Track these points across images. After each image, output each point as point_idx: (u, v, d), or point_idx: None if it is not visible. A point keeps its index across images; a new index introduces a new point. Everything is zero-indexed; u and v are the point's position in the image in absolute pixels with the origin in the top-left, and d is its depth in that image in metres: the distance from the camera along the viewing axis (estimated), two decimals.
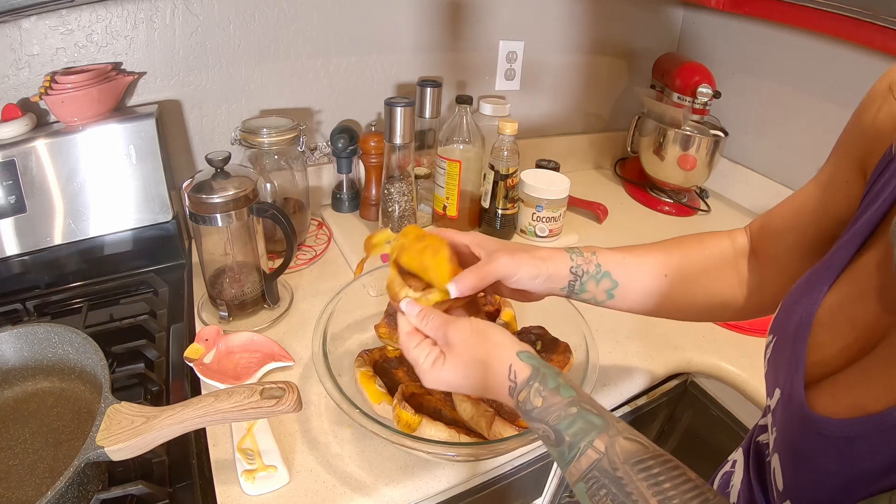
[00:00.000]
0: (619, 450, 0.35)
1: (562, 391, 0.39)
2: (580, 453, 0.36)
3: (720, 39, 1.25)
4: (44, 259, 0.77)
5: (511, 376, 0.41)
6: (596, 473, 0.35)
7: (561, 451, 0.38)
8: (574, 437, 0.37)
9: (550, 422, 0.38)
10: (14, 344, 0.59)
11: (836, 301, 0.35)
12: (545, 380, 0.40)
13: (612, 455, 0.35)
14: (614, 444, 0.36)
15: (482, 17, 1.08)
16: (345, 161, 0.99)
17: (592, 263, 0.51)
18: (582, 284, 0.51)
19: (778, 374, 0.37)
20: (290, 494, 0.53)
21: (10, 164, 0.70)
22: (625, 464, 0.34)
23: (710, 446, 0.83)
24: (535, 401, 0.40)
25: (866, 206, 0.37)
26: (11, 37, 0.73)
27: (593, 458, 0.36)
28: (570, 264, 0.51)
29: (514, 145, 0.94)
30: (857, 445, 0.28)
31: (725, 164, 1.25)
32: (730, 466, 0.49)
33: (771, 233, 0.50)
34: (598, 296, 0.52)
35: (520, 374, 0.41)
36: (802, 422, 0.32)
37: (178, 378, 0.66)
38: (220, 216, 0.68)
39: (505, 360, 0.42)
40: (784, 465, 0.34)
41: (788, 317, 0.38)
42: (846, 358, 0.33)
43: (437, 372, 0.45)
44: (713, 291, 0.52)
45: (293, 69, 0.95)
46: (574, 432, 0.37)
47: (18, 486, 0.50)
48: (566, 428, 0.38)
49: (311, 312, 0.78)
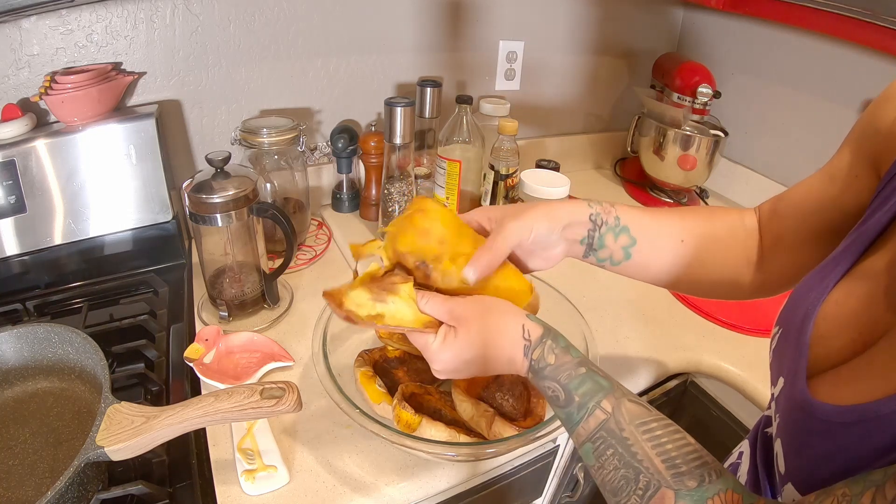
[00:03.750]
0: (625, 411, 0.36)
1: (572, 351, 0.41)
2: (588, 413, 0.37)
3: (720, 39, 1.25)
4: (44, 259, 0.77)
5: (525, 335, 0.42)
6: (603, 434, 0.36)
7: (569, 412, 0.39)
8: (583, 398, 0.38)
9: (562, 381, 0.39)
10: (14, 344, 0.59)
11: (842, 297, 0.36)
12: (556, 337, 0.41)
13: (618, 416, 0.36)
14: (620, 406, 0.37)
15: (482, 17, 1.08)
16: (345, 161, 0.99)
17: (612, 215, 0.49)
18: (601, 237, 0.49)
19: (782, 364, 0.38)
20: (290, 494, 0.53)
21: (10, 164, 0.70)
22: (630, 424, 0.36)
23: (710, 446, 0.82)
24: (548, 358, 0.41)
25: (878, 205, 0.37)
26: (11, 37, 0.73)
27: (601, 419, 0.37)
28: (590, 211, 0.49)
29: (514, 145, 0.94)
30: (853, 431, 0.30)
31: (725, 164, 1.25)
32: (736, 458, 0.49)
33: (779, 216, 0.50)
34: (615, 254, 0.50)
35: (533, 332, 0.42)
36: (803, 408, 0.33)
37: (178, 378, 0.66)
38: (220, 216, 0.68)
39: (517, 321, 0.43)
40: (785, 448, 0.35)
41: (795, 309, 0.39)
42: (849, 352, 0.34)
43: (449, 347, 0.44)
44: (723, 266, 0.51)
45: (293, 69, 0.95)
46: (583, 392, 0.38)
47: (18, 486, 0.50)
48: (576, 388, 0.39)
49: (311, 312, 0.78)
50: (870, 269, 0.36)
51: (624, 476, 0.35)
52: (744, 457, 0.47)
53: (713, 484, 0.33)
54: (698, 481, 0.33)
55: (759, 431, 0.46)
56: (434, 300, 0.46)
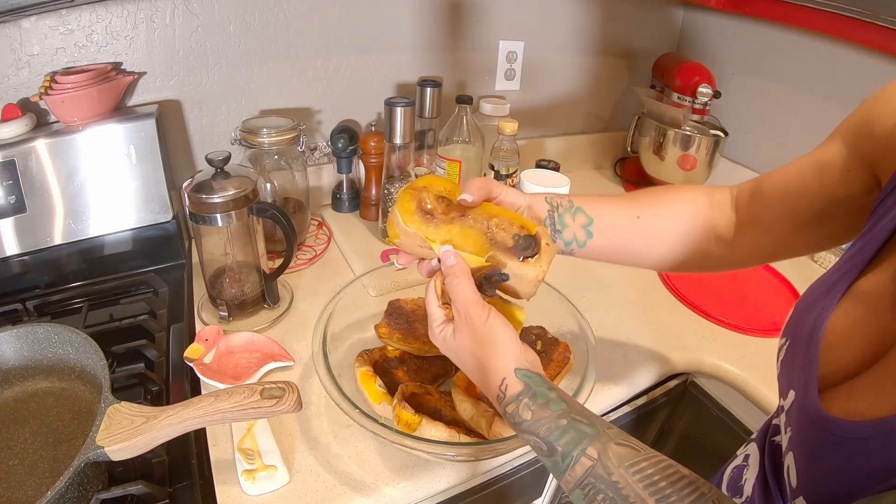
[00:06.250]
0: (612, 455, 0.36)
1: (552, 405, 0.40)
2: (574, 461, 0.37)
3: (720, 39, 1.25)
4: (44, 259, 0.77)
5: (502, 387, 0.42)
6: (591, 480, 0.36)
7: (554, 460, 0.38)
8: (566, 447, 0.38)
9: (541, 434, 0.39)
10: (14, 344, 0.59)
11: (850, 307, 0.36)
12: (535, 396, 0.41)
13: (605, 461, 0.36)
14: (607, 450, 0.36)
15: (482, 17, 1.08)
16: (345, 161, 0.99)
17: (565, 199, 0.53)
18: (560, 217, 0.52)
19: (791, 377, 0.38)
20: (290, 494, 0.53)
21: (10, 164, 0.70)
22: (619, 467, 0.35)
23: (709, 446, 0.83)
24: (524, 414, 0.40)
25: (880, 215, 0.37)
26: (11, 37, 0.73)
27: (587, 465, 0.36)
28: (545, 195, 0.53)
29: (514, 145, 0.94)
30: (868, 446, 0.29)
31: (725, 164, 1.25)
32: (741, 460, 0.49)
33: (761, 195, 0.51)
34: (577, 234, 0.53)
35: (511, 388, 0.41)
36: (816, 422, 0.33)
37: (178, 378, 0.66)
38: (220, 216, 0.68)
39: (501, 370, 0.42)
40: (798, 463, 0.35)
41: (802, 321, 0.38)
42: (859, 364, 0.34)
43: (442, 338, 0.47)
44: (688, 239, 0.53)
45: (293, 69, 0.95)
46: (565, 442, 0.38)
47: (18, 486, 0.50)
48: (557, 439, 0.38)
49: (311, 312, 0.78)
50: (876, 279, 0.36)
51: None
52: (751, 460, 0.47)
53: None
54: None
55: (766, 439, 0.45)
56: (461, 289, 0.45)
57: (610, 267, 0.93)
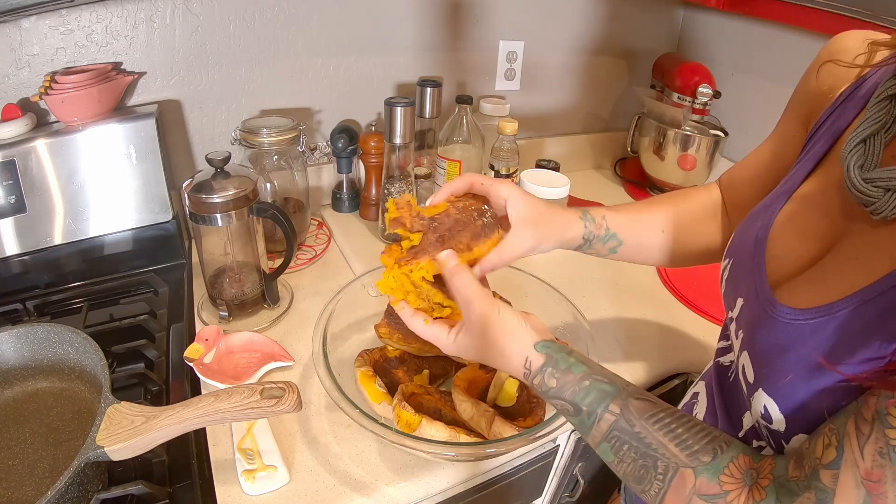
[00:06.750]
0: (632, 409, 0.39)
1: (574, 369, 0.42)
2: (598, 419, 0.40)
3: (720, 39, 1.25)
4: (44, 259, 0.77)
5: (527, 365, 0.44)
6: (616, 433, 0.39)
7: (581, 419, 0.41)
8: (590, 406, 0.41)
9: (567, 397, 0.42)
10: (14, 344, 0.59)
11: (787, 218, 0.41)
12: (557, 364, 0.43)
13: (627, 415, 0.39)
14: (628, 405, 0.39)
15: (482, 17, 1.08)
16: (345, 161, 0.99)
17: (602, 228, 0.56)
18: (590, 244, 0.56)
19: (738, 287, 0.43)
20: (290, 494, 0.53)
21: (10, 164, 0.70)
22: (640, 419, 0.38)
23: None
24: (549, 383, 0.43)
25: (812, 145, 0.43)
26: (11, 37, 0.73)
27: (611, 421, 0.39)
28: (584, 231, 0.55)
29: (514, 145, 0.94)
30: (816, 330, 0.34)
31: (725, 164, 1.24)
32: (689, 398, 0.55)
33: (736, 183, 0.57)
34: (601, 252, 0.57)
35: (534, 363, 0.44)
36: (769, 314, 0.38)
37: (178, 378, 0.66)
38: (220, 216, 0.68)
39: (522, 351, 0.44)
40: (752, 358, 0.39)
41: (745, 237, 0.44)
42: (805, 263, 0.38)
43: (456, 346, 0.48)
44: (699, 240, 0.58)
45: (293, 69, 0.95)
46: (590, 402, 0.41)
47: (18, 486, 0.50)
48: (582, 399, 0.41)
49: (311, 312, 0.78)
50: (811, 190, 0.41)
51: (643, 465, 0.38)
52: (699, 397, 0.52)
53: (725, 454, 0.36)
54: (712, 455, 0.36)
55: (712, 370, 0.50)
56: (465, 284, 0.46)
57: (610, 267, 0.93)
